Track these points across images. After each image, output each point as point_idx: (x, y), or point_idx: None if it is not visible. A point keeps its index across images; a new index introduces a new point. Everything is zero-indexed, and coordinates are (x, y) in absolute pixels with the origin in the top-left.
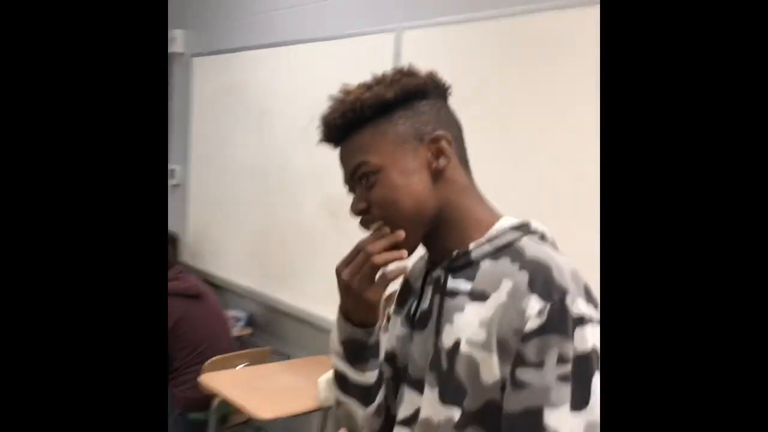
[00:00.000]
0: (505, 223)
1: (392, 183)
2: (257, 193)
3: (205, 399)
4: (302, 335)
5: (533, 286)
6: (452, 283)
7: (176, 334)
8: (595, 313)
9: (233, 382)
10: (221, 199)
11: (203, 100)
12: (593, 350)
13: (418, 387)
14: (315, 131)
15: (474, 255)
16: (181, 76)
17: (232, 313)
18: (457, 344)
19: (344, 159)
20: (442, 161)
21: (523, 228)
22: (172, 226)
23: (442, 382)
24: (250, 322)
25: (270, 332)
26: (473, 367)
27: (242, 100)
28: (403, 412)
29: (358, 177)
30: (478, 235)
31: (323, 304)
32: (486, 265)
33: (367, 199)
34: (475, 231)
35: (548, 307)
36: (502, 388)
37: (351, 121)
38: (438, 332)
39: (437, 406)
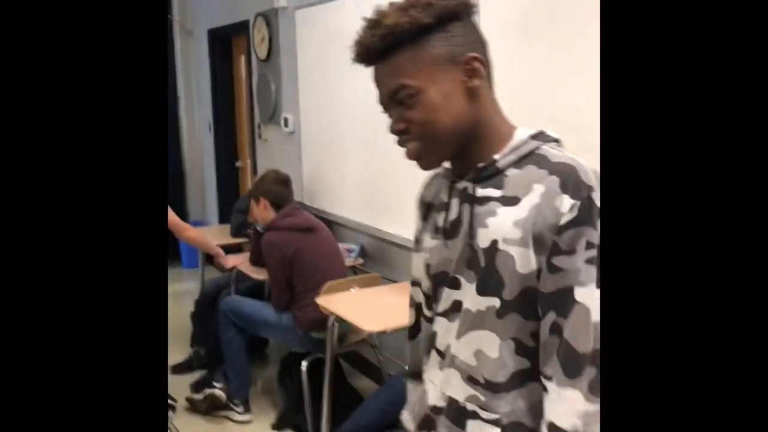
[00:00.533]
0: (523, 133)
1: (431, 104)
2: (363, 135)
3: (324, 319)
4: (407, 261)
5: (565, 188)
6: (481, 191)
7: (294, 263)
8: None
9: (346, 303)
10: (331, 142)
11: (309, 51)
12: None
13: (454, 284)
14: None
15: (500, 164)
16: (287, 29)
17: (345, 245)
18: (494, 243)
19: (381, 80)
20: (476, 81)
21: (541, 136)
22: (289, 170)
23: (481, 278)
24: (362, 253)
25: (379, 261)
26: (511, 261)
27: (345, 48)
28: (441, 306)
29: (397, 99)
30: (501, 146)
31: None
32: (512, 172)
33: (406, 119)
34: (499, 143)
35: (578, 203)
36: (537, 276)
37: (389, 45)
38: (472, 236)
39: (477, 297)
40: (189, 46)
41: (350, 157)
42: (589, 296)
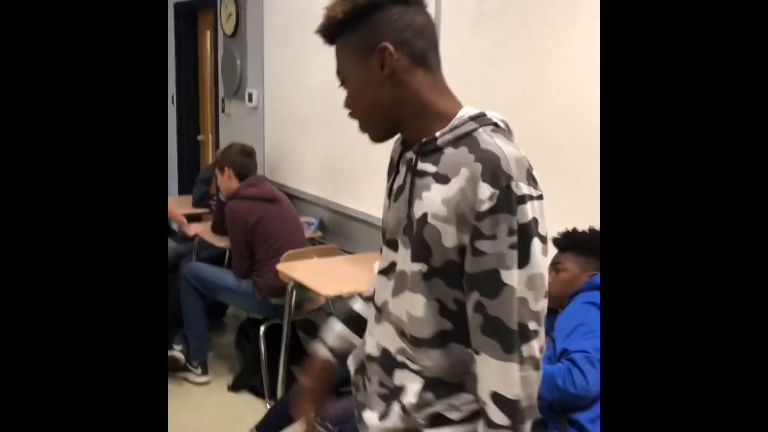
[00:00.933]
0: (464, 113)
1: (352, 89)
2: (324, 111)
3: (283, 286)
4: (364, 235)
5: (485, 176)
6: (421, 165)
7: (257, 231)
8: (534, 191)
9: (305, 270)
10: (293, 118)
11: (276, 28)
12: (533, 220)
13: (393, 246)
14: None
15: (439, 142)
16: (254, 6)
17: (305, 218)
18: (424, 216)
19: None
20: (387, 69)
21: (480, 119)
22: (252, 143)
23: (413, 244)
24: (321, 226)
25: (338, 234)
26: (437, 234)
27: (311, 26)
28: (381, 264)
29: (340, 81)
30: (442, 124)
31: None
32: (449, 151)
33: (345, 98)
34: (439, 121)
35: (497, 192)
36: (459, 252)
37: (328, 35)
38: (410, 205)
39: (409, 261)
40: None
41: (311, 133)
42: (514, 278)
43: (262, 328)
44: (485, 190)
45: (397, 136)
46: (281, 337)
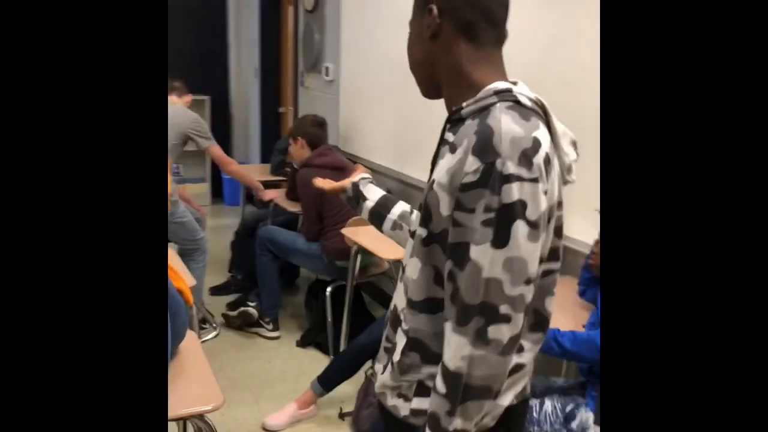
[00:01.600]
0: (492, 86)
1: (410, 38)
2: (395, 84)
3: (348, 249)
4: None
5: (475, 150)
6: (447, 134)
7: (325, 198)
8: (526, 173)
9: (369, 236)
10: (366, 91)
11: (352, 3)
12: (518, 201)
13: (420, 209)
14: None
15: (463, 113)
16: None
17: None
18: (432, 183)
19: None
20: (428, 30)
21: (503, 94)
22: (327, 115)
23: (422, 210)
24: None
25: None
26: (436, 201)
27: (386, 1)
28: (412, 227)
29: None
30: (472, 95)
31: None
32: (468, 122)
33: None
34: (471, 92)
35: (482, 167)
36: (451, 222)
37: None
38: (431, 172)
39: (417, 225)
40: None
41: (382, 105)
42: (482, 255)
43: (328, 289)
44: (472, 163)
45: None
46: (345, 296)
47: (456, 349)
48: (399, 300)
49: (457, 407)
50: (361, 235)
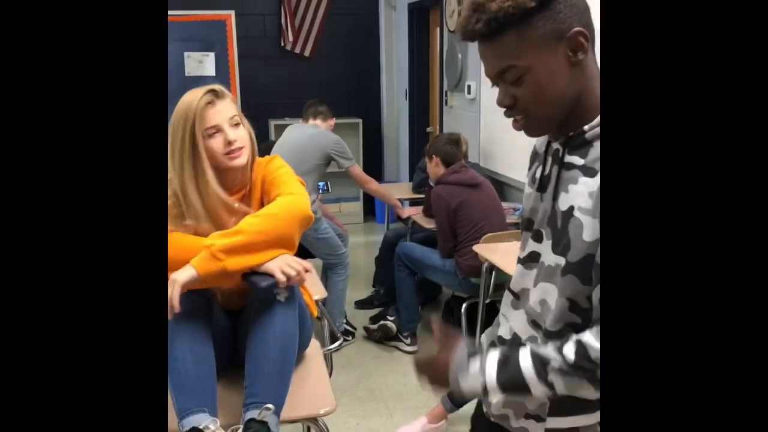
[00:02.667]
0: None
1: (538, 81)
2: None
3: (482, 267)
4: None
5: None
6: (569, 158)
7: (458, 214)
8: None
9: (501, 253)
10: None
11: None
12: None
13: (537, 237)
14: None
15: (588, 136)
16: None
17: (511, 204)
18: (570, 209)
19: (488, 58)
20: (580, 55)
21: None
22: (469, 133)
23: (555, 237)
24: None
25: None
26: (580, 228)
27: None
28: (522, 253)
29: (504, 77)
30: (592, 116)
31: None
32: (597, 144)
33: (513, 95)
34: (591, 113)
35: None
36: (598, 245)
37: (494, 30)
38: (555, 197)
39: (550, 254)
40: (392, 19)
41: None
42: None
43: (464, 306)
44: None
45: None
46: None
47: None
48: (520, 329)
49: (571, 376)
50: (493, 252)
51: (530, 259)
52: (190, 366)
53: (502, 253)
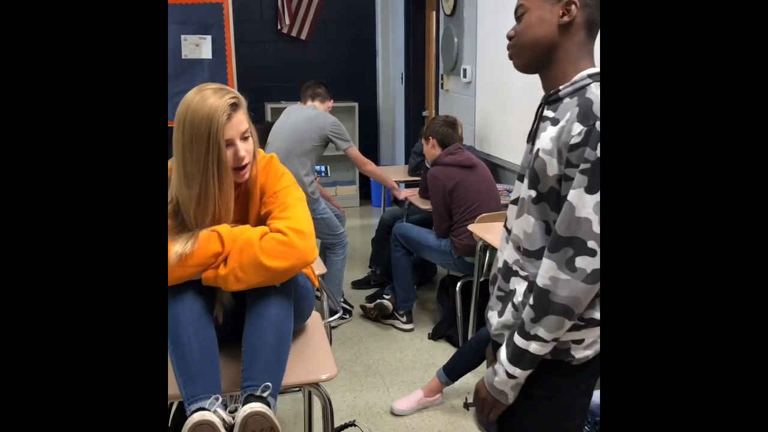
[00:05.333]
0: (585, 72)
1: (529, 23)
2: (529, 83)
3: (476, 247)
4: None
5: (579, 116)
6: (546, 112)
7: (454, 195)
8: None
9: (495, 232)
10: (500, 92)
11: (488, 6)
12: None
13: (521, 179)
14: None
15: (561, 93)
16: None
17: (505, 186)
18: (538, 151)
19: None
20: (566, 18)
21: (595, 76)
22: (465, 116)
23: (530, 175)
24: None
25: None
26: (543, 166)
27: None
28: (513, 195)
29: (516, 15)
30: (570, 78)
31: None
32: (566, 100)
33: (515, 29)
34: (569, 76)
35: (584, 129)
36: (558, 180)
37: None
38: (533, 144)
39: (526, 189)
40: (388, 2)
41: (515, 105)
42: (577, 197)
43: (459, 284)
44: (577, 128)
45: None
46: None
47: (546, 269)
48: (509, 256)
49: (540, 317)
50: (487, 231)
51: (517, 200)
52: (197, 355)
53: (496, 233)
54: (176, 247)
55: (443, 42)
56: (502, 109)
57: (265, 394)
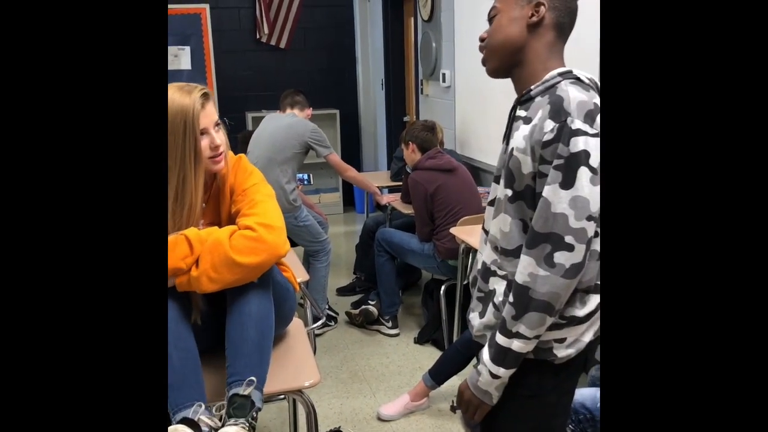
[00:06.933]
0: (555, 71)
1: (500, 24)
2: (504, 88)
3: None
4: None
5: (550, 113)
6: (518, 112)
7: (435, 199)
8: (590, 129)
9: (477, 235)
10: (479, 95)
11: (465, 10)
12: (582, 151)
13: (497, 181)
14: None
15: (532, 93)
16: None
17: (486, 189)
18: (512, 150)
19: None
20: (534, 19)
21: (565, 74)
22: (445, 120)
23: (505, 174)
24: None
25: None
26: (518, 164)
27: None
28: (490, 197)
29: (489, 17)
30: (540, 78)
31: None
32: (537, 99)
33: (487, 31)
34: (539, 76)
35: (556, 126)
36: (533, 177)
37: None
38: (507, 144)
39: (502, 188)
40: (366, 9)
41: (494, 109)
42: (552, 193)
43: (443, 288)
44: (549, 125)
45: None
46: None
47: (525, 266)
48: (487, 257)
49: (521, 314)
50: (469, 234)
51: (494, 200)
52: (177, 364)
53: (478, 236)
54: None
55: (422, 47)
56: (482, 113)
57: (249, 389)
